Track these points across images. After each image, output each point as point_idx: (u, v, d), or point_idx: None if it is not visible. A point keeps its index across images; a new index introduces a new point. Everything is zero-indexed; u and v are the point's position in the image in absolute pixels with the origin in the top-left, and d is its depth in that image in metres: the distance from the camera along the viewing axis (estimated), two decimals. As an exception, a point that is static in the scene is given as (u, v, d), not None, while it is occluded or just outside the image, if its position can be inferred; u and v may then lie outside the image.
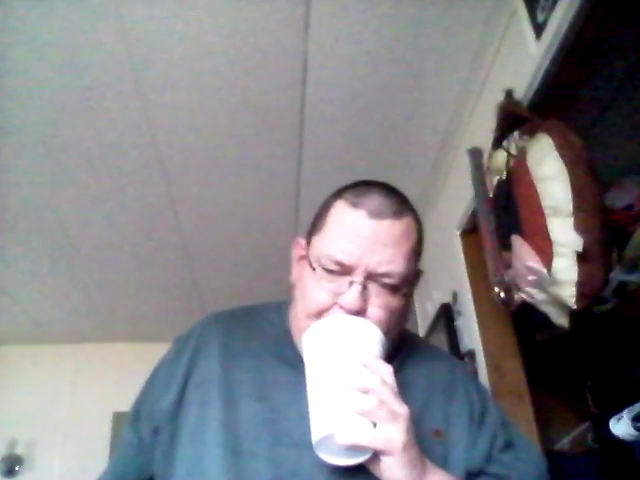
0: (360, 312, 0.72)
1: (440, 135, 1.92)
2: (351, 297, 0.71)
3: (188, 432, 0.73)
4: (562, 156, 1.09)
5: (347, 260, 0.72)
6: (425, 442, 0.70)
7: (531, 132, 1.22)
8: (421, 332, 2.35)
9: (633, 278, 1.41)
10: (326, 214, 0.79)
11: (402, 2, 1.45)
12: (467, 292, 1.79)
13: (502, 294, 1.25)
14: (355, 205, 0.76)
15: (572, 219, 1.06)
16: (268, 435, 0.71)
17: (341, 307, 0.72)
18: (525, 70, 1.30)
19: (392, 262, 0.73)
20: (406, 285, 0.76)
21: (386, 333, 0.73)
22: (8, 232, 2.29)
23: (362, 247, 0.72)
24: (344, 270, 0.73)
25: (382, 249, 0.73)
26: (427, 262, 2.73)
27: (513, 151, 1.27)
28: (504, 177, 1.29)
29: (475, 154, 1.46)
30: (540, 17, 1.22)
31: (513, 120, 1.30)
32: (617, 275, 1.40)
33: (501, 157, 1.31)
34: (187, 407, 0.75)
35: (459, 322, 1.89)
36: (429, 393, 0.80)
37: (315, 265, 0.75)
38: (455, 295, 1.93)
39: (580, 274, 1.06)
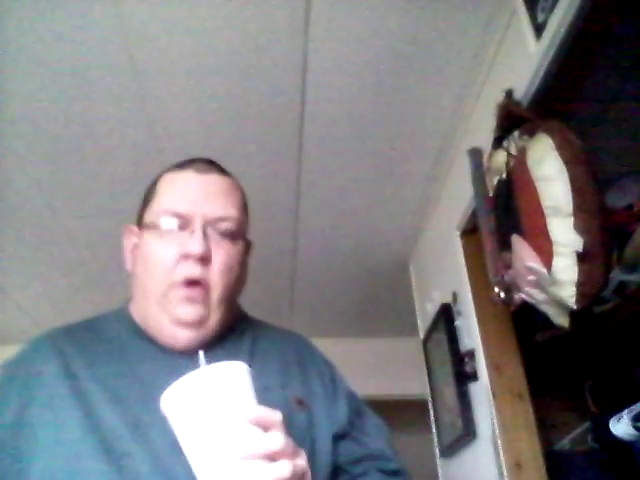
0: (206, 259, 0.74)
1: (440, 135, 1.92)
2: (195, 242, 0.73)
3: (44, 451, 0.67)
4: (562, 156, 1.09)
5: (183, 209, 0.76)
6: (290, 412, 0.71)
7: (531, 132, 1.22)
8: (421, 332, 2.35)
9: (633, 278, 1.41)
10: (154, 187, 0.83)
11: (402, 2, 1.45)
12: (467, 292, 1.79)
13: (502, 294, 1.25)
14: (182, 168, 0.82)
15: (572, 219, 1.06)
16: (137, 436, 0.67)
17: (187, 256, 0.74)
18: (525, 70, 1.30)
19: (225, 208, 0.78)
20: (242, 235, 0.81)
21: (230, 292, 0.77)
22: (8, 232, 2.29)
23: (195, 198, 0.77)
24: (183, 223, 0.75)
25: (214, 197, 0.78)
26: (427, 262, 2.73)
27: (513, 151, 1.27)
28: (504, 177, 1.29)
29: (475, 154, 1.46)
30: (540, 17, 1.22)
31: (513, 120, 1.30)
32: (617, 275, 1.40)
33: (501, 157, 1.31)
34: (33, 428, 0.68)
35: (459, 322, 1.89)
36: (284, 365, 0.81)
37: (151, 227, 0.77)
38: (455, 295, 1.93)
39: (580, 274, 1.06)
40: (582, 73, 1.26)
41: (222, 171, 0.83)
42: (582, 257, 1.05)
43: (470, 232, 1.82)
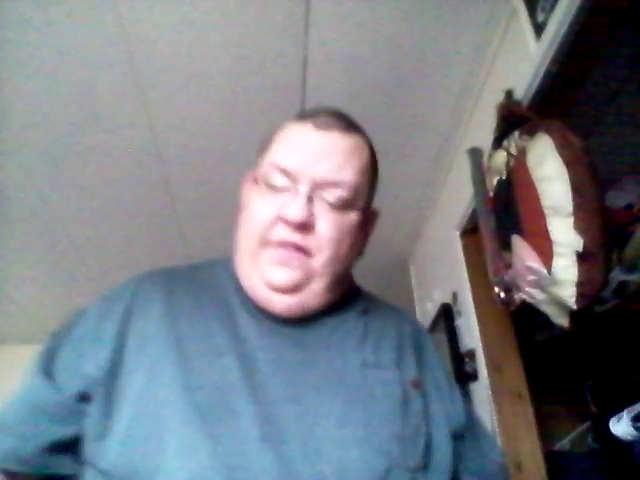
0: (307, 226, 0.65)
1: (440, 135, 1.92)
2: (295, 207, 0.65)
3: (133, 398, 0.61)
4: (562, 156, 1.09)
5: (291, 167, 0.67)
6: (406, 393, 0.66)
7: (531, 132, 1.22)
8: (421, 332, 2.35)
9: (633, 278, 1.41)
10: (272, 135, 0.75)
11: (402, 2, 1.45)
12: (467, 292, 1.79)
13: (502, 294, 1.25)
14: (301, 119, 0.72)
15: (572, 219, 1.06)
16: (248, 390, 0.61)
17: (285, 221, 0.66)
18: (525, 70, 1.30)
19: (340, 171, 0.68)
20: (358, 203, 0.70)
21: (338, 262, 0.68)
22: (8, 232, 2.29)
23: (307, 156, 0.68)
24: (290, 181, 0.67)
25: (329, 159, 0.68)
26: (427, 262, 2.73)
27: (513, 151, 1.27)
28: (504, 177, 1.29)
29: (475, 154, 1.46)
30: (540, 17, 1.22)
31: (513, 120, 1.30)
32: (617, 275, 1.40)
33: (501, 157, 1.31)
34: (127, 372, 0.63)
35: (459, 322, 1.89)
36: (401, 344, 0.74)
37: (260, 180, 0.70)
38: (455, 295, 1.93)
39: (580, 274, 1.06)
40: (582, 73, 1.26)
41: (348, 128, 0.72)
42: (582, 257, 1.05)
43: (470, 232, 1.82)
